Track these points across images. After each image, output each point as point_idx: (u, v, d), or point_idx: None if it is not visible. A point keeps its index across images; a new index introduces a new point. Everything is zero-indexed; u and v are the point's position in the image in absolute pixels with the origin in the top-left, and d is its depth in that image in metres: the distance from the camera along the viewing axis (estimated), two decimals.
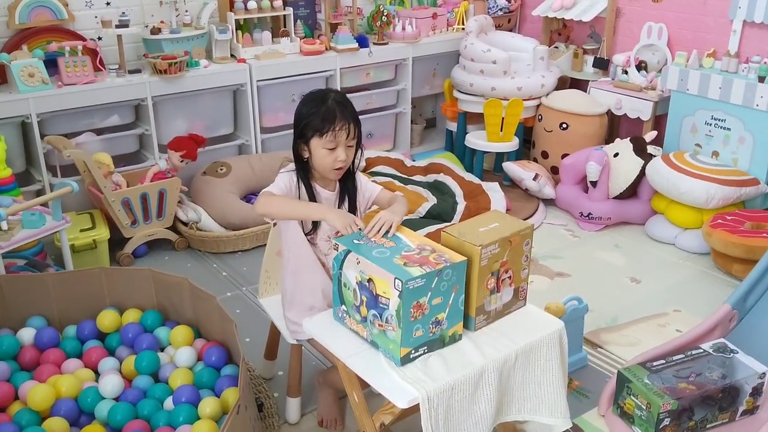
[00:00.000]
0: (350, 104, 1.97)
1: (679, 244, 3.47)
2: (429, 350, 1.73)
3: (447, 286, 1.69)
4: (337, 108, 1.91)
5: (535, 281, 3.15)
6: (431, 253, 1.72)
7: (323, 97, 1.95)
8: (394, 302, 1.64)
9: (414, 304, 1.64)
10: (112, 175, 3.27)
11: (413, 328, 1.67)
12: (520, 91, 4.04)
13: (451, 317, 1.74)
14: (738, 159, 3.55)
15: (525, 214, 3.72)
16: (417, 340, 1.69)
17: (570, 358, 2.40)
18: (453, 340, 1.77)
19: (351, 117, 1.93)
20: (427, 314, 1.68)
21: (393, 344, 1.69)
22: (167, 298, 2.42)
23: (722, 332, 2.55)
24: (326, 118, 1.90)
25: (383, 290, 1.66)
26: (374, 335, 1.75)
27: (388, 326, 1.68)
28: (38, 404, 2.05)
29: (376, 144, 4.44)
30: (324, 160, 1.94)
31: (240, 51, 3.78)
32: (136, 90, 3.43)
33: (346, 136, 1.92)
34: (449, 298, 1.71)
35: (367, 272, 1.70)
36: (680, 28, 3.97)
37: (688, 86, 3.65)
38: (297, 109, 1.99)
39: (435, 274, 1.65)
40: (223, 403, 2.04)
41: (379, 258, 1.70)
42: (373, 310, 1.71)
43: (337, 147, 1.92)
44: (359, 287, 1.74)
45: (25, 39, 3.36)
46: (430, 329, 1.71)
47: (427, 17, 4.38)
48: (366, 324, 1.76)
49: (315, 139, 1.93)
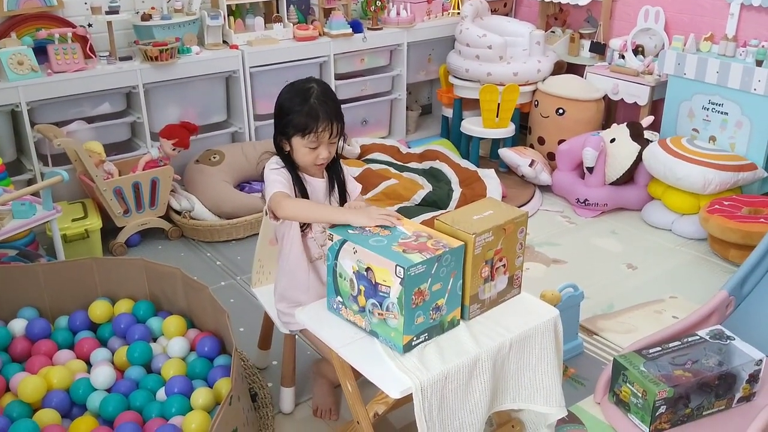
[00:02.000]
0: (333, 100, 1.91)
1: (675, 230, 3.45)
2: (429, 337, 1.72)
3: (446, 271, 1.68)
4: (320, 108, 1.86)
5: (530, 268, 3.13)
6: (428, 239, 1.71)
7: (305, 92, 1.88)
8: (395, 290, 1.62)
9: (416, 291, 1.63)
10: (103, 163, 3.24)
11: (415, 314, 1.66)
12: (516, 76, 4.01)
13: (450, 302, 1.73)
14: (735, 144, 3.52)
15: (521, 201, 3.70)
16: (418, 327, 1.68)
17: (565, 345, 2.39)
18: (452, 325, 1.76)
19: (334, 116, 1.88)
20: (428, 300, 1.67)
21: (395, 332, 1.68)
22: (160, 288, 2.40)
23: (719, 319, 2.54)
24: (309, 117, 1.85)
25: (383, 278, 1.64)
26: (374, 324, 1.73)
27: (389, 314, 1.67)
28: (29, 396, 2.04)
29: (371, 131, 4.40)
30: (305, 157, 1.91)
31: (232, 37, 3.74)
32: (127, 77, 3.39)
33: (329, 136, 1.88)
34: (448, 284, 1.70)
35: (365, 261, 1.68)
36: (677, 11, 3.93)
37: (685, 71, 3.61)
38: (278, 101, 1.93)
39: (435, 259, 1.63)
40: (216, 393, 2.02)
41: (378, 246, 1.68)
42: (372, 299, 1.70)
43: (319, 146, 1.89)
44: (357, 277, 1.72)
45: (13, 26, 3.31)
46: (431, 315, 1.70)
47: (422, 2, 4.33)
48: (364, 314, 1.74)
49: (297, 138, 1.89)
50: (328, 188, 2.02)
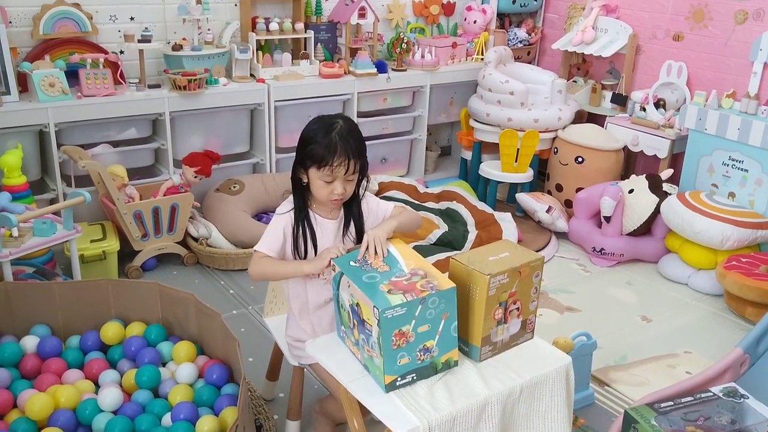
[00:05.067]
0: (356, 138, 1.89)
1: (692, 285, 3.42)
2: (419, 377, 1.70)
3: (435, 313, 1.65)
4: (340, 143, 1.84)
5: (544, 314, 3.11)
6: (421, 279, 1.69)
7: (329, 126, 1.87)
8: (375, 330, 1.62)
9: (396, 332, 1.61)
10: (125, 187, 3.29)
11: (397, 355, 1.64)
12: (537, 123, 4.04)
13: (443, 344, 1.70)
14: (755, 201, 3.51)
15: (537, 246, 3.69)
16: (403, 367, 1.66)
17: (576, 394, 2.36)
18: (447, 366, 1.74)
19: (353, 153, 1.86)
20: (412, 342, 1.64)
21: (378, 370, 1.67)
22: (172, 312, 2.41)
23: (733, 376, 2.49)
24: (326, 150, 1.84)
25: (367, 316, 1.64)
26: (365, 359, 1.73)
27: (373, 352, 1.66)
28: (36, 414, 2.03)
29: (390, 169, 4.44)
30: (320, 190, 1.90)
31: (259, 71, 3.81)
32: (155, 104, 3.46)
33: (344, 171, 1.86)
34: (438, 326, 1.67)
35: (355, 297, 1.69)
36: (700, 67, 3.96)
37: (706, 126, 3.63)
38: (303, 130, 1.94)
39: (418, 302, 1.61)
40: (222, 422, 2.01)
41: (366, 283, 1.67)
42: (362, 335, 1.70)
43: (334, 181, 1.88)
44: (351, 310, 1.72)
45: (48, 49, 3.40)
46: (418, 356, 1.68)
47: (446, 46, 4.40)
48: (359, 347, 1.74)
49: (313, 169, 1.88)
50: (342, 229, 2.00)
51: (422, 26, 4.64)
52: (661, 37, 4.14)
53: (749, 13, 3.72)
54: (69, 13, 3.40)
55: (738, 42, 3.78)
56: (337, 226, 1.99)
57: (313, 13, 4.08)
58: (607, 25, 4.32)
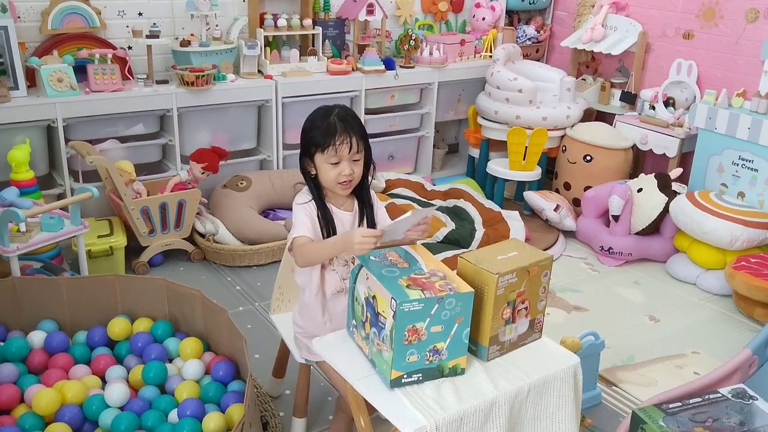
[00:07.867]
0: (355, 119, 1.94)
1: (700, 285, 3.40)
2: (425, 378, 1.69)
3: (450, 315, 1.64)
4: (339, 123, 1.89)
5: (551, 314, 3.10)
6: (440, 280, 1.68)
7: (327, 112, 1.92)
8: (389, 322, 1.61)
9: (409, 328, 1.60)
10: (133, 183, 3.29)
11: (407, 351, 1.63)
12: (545, 120, 4.02)
13: (453, 349, 1.69)
14: (764, 201, 3.48)
15: (544, 245, 3.67)
16: (411, 365, 1.65)
17: (584, 394, 2.35)
18: (454, 372, 1.72)
19: (354, 131, 1.90)
20: (424, 340, 1.64)
21: (386, 365, 1.66)
22: (179, 308, 2.41)
23: (741, 377, 2.48)
24: (327, 133, 1.88)
25: (383, 309, 1.64)
26: (373, 354, 1.72)
27: (383, 346, 1.66)
28: (43, 409, 2.04)
29: (397, 166, 4.43)
30: (328, 174, 1.92)
31: (267, 67, 3.81)
32: (163, 100, 3.46)
33: (348, 150, 1.89)
34: (451, 329, 1.66)
35: (372, 289, 1.68)
36: (710, 66, 3.94)
37: (716, 125, 3.60)
38: (303, 123, 1.97)
39: (435, 300, 1.61)
40: (228, 419, 2.01)
41: (386, 276, 1.67)
42: (374, 328, 1.69)
43: (340, 162, 1.90)
44: (365, 303, 1.72)
45: (56, 44, 3.40)
46: (427, 357, 1.67)
47: (454, 43, 4.38)
48: (368, 341, 1.74)
49: (318, 154, 1.91)
50: (357, 221, 2.02)
51: (430, 23, 4.63)
52: (671, 35, 4.12)
53: (760, 12, 3.69)
54: (77, 8, 3.40)
55: (749, 41, 3.75)
56: (352, 218, 2.01)
57: (321, 10, 4.07)
58: (616, 22, 4.29)
